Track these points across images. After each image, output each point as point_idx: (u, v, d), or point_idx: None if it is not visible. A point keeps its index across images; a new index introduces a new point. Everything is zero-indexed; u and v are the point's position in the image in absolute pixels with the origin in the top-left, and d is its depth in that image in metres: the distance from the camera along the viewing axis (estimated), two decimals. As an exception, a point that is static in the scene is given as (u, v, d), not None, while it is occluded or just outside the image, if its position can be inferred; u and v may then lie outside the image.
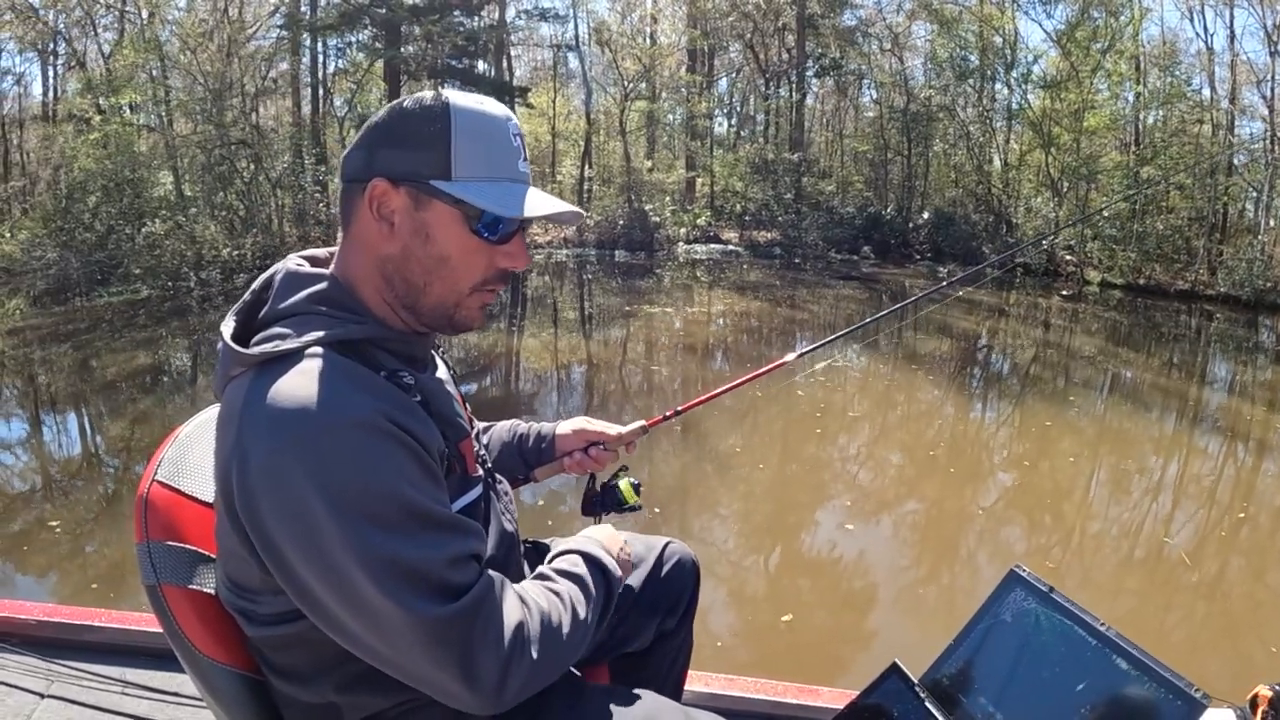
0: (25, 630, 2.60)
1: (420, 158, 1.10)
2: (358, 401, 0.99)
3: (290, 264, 1.19)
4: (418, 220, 1.11)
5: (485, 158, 1.11)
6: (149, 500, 1.21)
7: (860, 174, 27.38)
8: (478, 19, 24.39)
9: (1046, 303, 15.87)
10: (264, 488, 0.97)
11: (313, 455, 0.95)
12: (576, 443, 1.71)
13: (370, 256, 1.14)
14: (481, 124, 1.12)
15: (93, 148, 18.61)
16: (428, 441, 1.05)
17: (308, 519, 0.95)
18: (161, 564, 1.17)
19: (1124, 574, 4.95)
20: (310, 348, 1.05)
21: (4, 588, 4.94)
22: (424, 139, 1.10)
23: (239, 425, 1.00)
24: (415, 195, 1.10)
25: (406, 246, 1.12)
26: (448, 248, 1.12)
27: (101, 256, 16.80)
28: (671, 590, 1.69)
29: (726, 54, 30.70)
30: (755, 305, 15.20)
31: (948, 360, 10.74)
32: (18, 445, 7.99)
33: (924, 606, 4.59)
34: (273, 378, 1.01)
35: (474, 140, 1.10)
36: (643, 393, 9.24)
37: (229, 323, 1.14)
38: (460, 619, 0.99)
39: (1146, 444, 7.59)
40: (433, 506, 1.01)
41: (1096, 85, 20.31)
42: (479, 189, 1.10)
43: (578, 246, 23.61)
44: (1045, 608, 1.33)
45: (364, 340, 1.11)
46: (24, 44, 23.35)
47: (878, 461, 7.09)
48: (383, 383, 1.06)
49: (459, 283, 1.14)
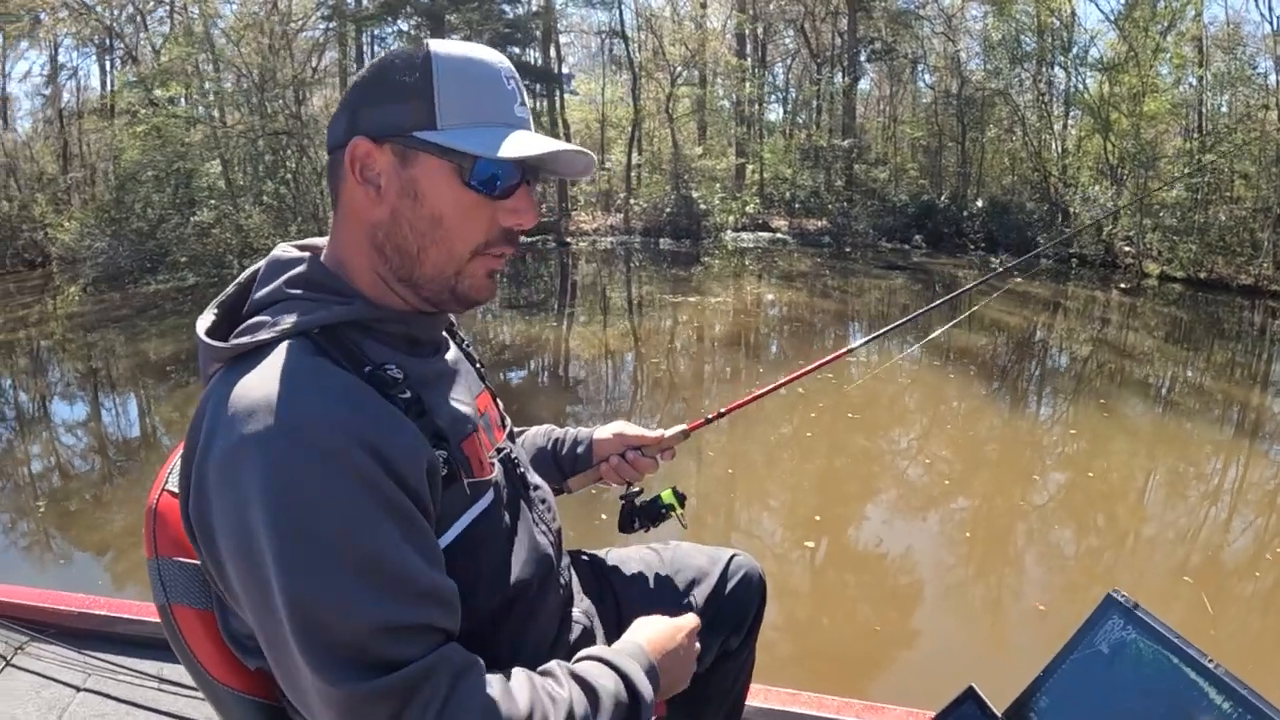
0: (64, 621, 2.59)
1: (403, 109, 0.99)
2: (326, 415, 0.87)
3: (277, 250, 1.09)
4: (405, 178, 1.00)
5: (475, 103, 1.00)
6: (158, 512, 1.09)
7: (915, 161, 26.92)
8: (522, 6, 24.31)
9: (1104, 296, 15.45)
10: (216, 496, 0.87)
11: (268, 462, 0.84)
12: (614, 448, 1.57)
13: (359, 227, 1.03)
14: (468, 68, 1.01)
15: (139, 139, 18.94)
16: (407, 462, 0.90)
17: (250, 526, 0.84)
18: (172, 582, 1.06)
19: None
20: (281, 340, 0.95)
21: (53, 569, 5.01)
22: (406, 89, 0.99)
23: (204, 422, 0.91)
24: (401, 151, 0.99)
25: (395, 209, 1.01)
26: (440, 205, 1.00)
27: (152, 245, 17.16)
28: (737, 608, 1.56)
29: (780, 40, 30.38)
30: (804, 297, 15.01)
31: (1000, 357, 10.50)
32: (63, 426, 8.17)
33: (975, 608, 4.46)
34: (241, 373, 0.92)
35: (461, 85, 0.99)
36: (687, 384, 9.14)
37: (207, 316, 1.06)
38: (386, 697, 0.83)
39: (1207, 446, 7.33)
40: (387, 558, 0.86)
41: (1157, 69, 19.73)
42: (468, 135, 0.98)
43: (623, 234, 23.55)
44: (1146, 638, 1.20)
45: (347, 324, 1.00)
46: (80, 40, 23.90)
47: (934, 459, 6.93)
48: (356, 386, 0.93)
49: (457, 246, 1.02)
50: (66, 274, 18.85)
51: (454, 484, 1.01)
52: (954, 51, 25.60)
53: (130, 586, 4.66)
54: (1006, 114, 23.49)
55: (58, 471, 6.98)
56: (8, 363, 11.25)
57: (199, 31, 19.83)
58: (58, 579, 4.80)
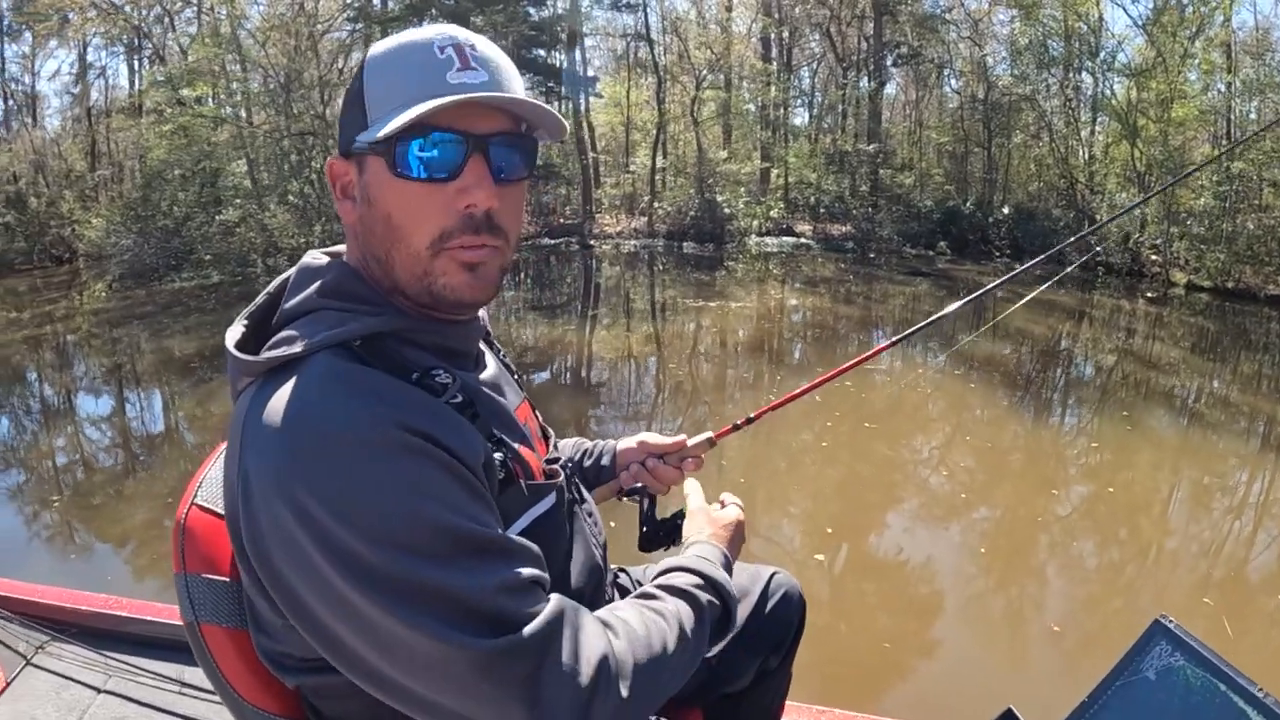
0: (85, 621, 2.58)
1: (349, 119, 0.98)
2: (368, 411, 0.84)
3: (307, 257, 1.06)
4: (362, 186, 0.98)
5: (397, 87, 0.94)
6: (187, 527, 1.06)
7: (940, 167, 26.76)
8: (547, 9, 24.33)
9: (1130, 306, 15.28)
10: (266, 513, 0.83)
11: (318, 475, 0.81)
12: (636, 456, 1.50)
13: (353, 240, 1.03)
14: (394, 55, 0.96)
15: (166, 138, 19.15)
16: (465, 450, 0.89)
17: (315, 538, 0.80)
18: (200, 600, 1.03)
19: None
20: (317, 351, 0.91)
21: (74, 560, 5.04)
22: (350, 99, 0.98)
23: (240, 442, 0.89)
24: (357, 160, 0.98)
25: (362, 217, 0.99)
26: (386, 203, 0.96)
27: (177, 243, 17.34)
28: (776, 627, 1.52)
29: (806, 44, 30.30)
30: (827, 303, 14.96)
31: (1023, 366, 10.40)
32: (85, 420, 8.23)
33: (992, 622, 4.40)
34: (275, 387, 0.88)
35: (384, 74, 0.95)
36: (709, 389, 9.10)
37: (236, 328, 1.02)
38: (523, 652, 0.81)
39: (1231, 460, 7.22)
40: (471, 526, 0.84)
41: (1185, 74, 19.49)
42: (384, 122, 0.92)
43: (647, 237, 23.56)
44: (1194, 665, 1.16)
45: (385, 334, 0.97)
46: (108, 39, 24.19)
47: (952, 470, 6.86)
48: (401, 386, 0.90)
49: (413, 241, 0.95)
50: (93, 270, 19.07)
51: (512, 485, 0.98)
52: (980, 56, 25.43)
53: (150, 580, 4.70)
54: (1033, 119, 23.28)
55: (81, 465, 7.07)
56: (34, 357, 11.37)
57: (225, 32, 19.99)
58: (79, 572, 4.82)
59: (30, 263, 21.26)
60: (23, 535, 5.49)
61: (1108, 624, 4.33)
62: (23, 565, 4.85)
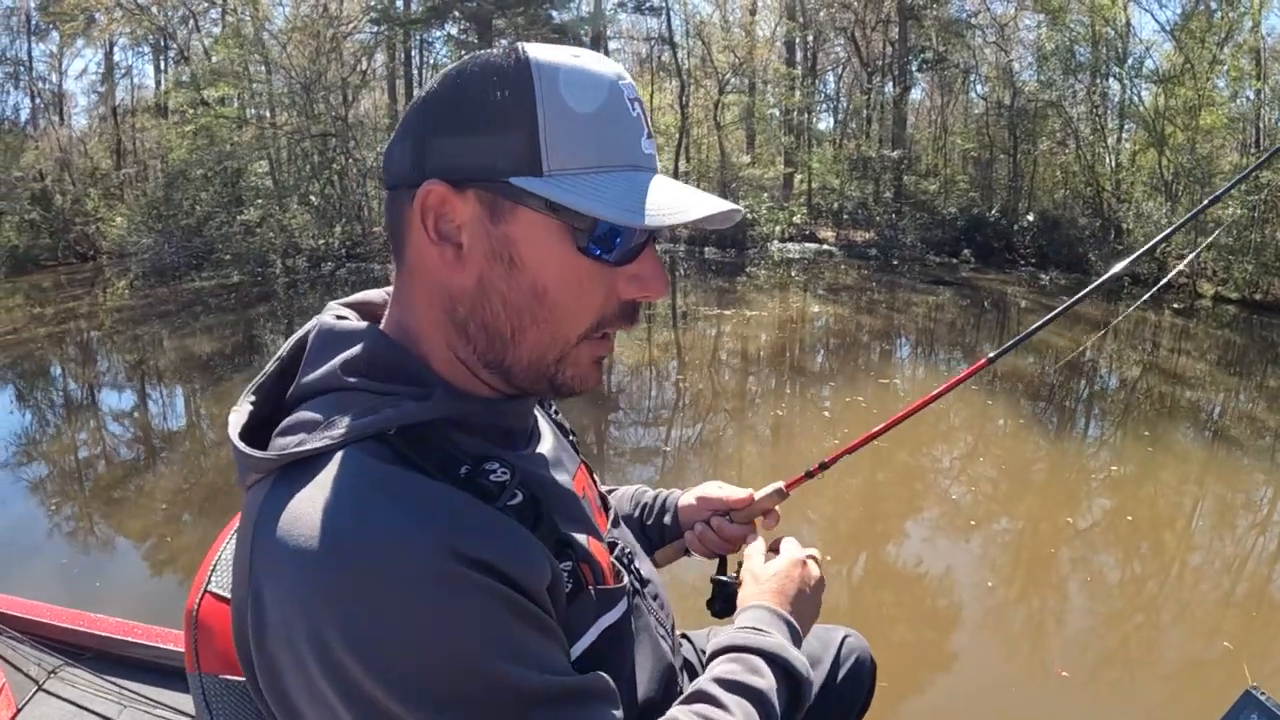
0: (99, 646, 2.56)
1: (494, 145, 0.75)
2: (414, 537, 0.67)
3: (327, 317, 0.87)
4: (497, 237, 0.77)
5: (594, 139, 0.76)
6: (200, 620, 0.92)
7: (965, 173, 26.56)
8: (568, 11, 24.32)
9: (1156, 318, 15.09)
10: (288, 655, 0.69)
11: (353, 620, 0.66)
12: (699, 513, 1.32)
13: (432, 295, 0.82)
14: (583, 88, 0.76)
15: (187, 138, 19.33)
16: (529, 575, 0.73)
17: (352, 708, 0.66)
18: (218, 704, 0.89)
19: None
20: (341, 447, 0.73)
21: (94, 549, 5.08)
22: (497, 117, 0.75)
23: (251, 554, 0.73)
24: (491, 201, 0.77)
25: (483, 277, 0.79)
26: (544, 275, 0.78)
27: (198, 242, 17.48)
28: (847, 695, 1.41)
29: (831, 48, 30.15)
30: (848, 312, 14.84)
31: (1045, 380, 10.28)
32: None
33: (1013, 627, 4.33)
34: (292, 491, 0.71)
35: (573, 114, 0.76)
36: (730, 395, 9.03)
37: (242, 408, 0.84)
38: None
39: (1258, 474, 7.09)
40: (540, 680, 0.70)
41: (1214, 81, 19.24)
42: (588, 184, 0.75)
43: (669, 242, 23.47)
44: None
45: (431, 423, 0.79)
46: (134, 39, 24.42)
47: (966, 488, 6.77)
48: (449, 495, 0.72)
49: (564, 327, 0.80)
50: (116, 267, 19.22)
51: (581, 594, 0.83)
52: (1006, 62, 25.22)
53: (168, 574, 4.72)
54: (1059, 126, 23.07)
55: (103, 460, 7.13)
56: (58, 352, 11.49)
57: (247, 33, 20.12)
58: (96, 565, 4.91)
59: (55, 259, 21.53)
60: (43, 527, 5.56)
61: (1127, 641, 4.28)
62: (36, 559, 4.96)
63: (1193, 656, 4.11)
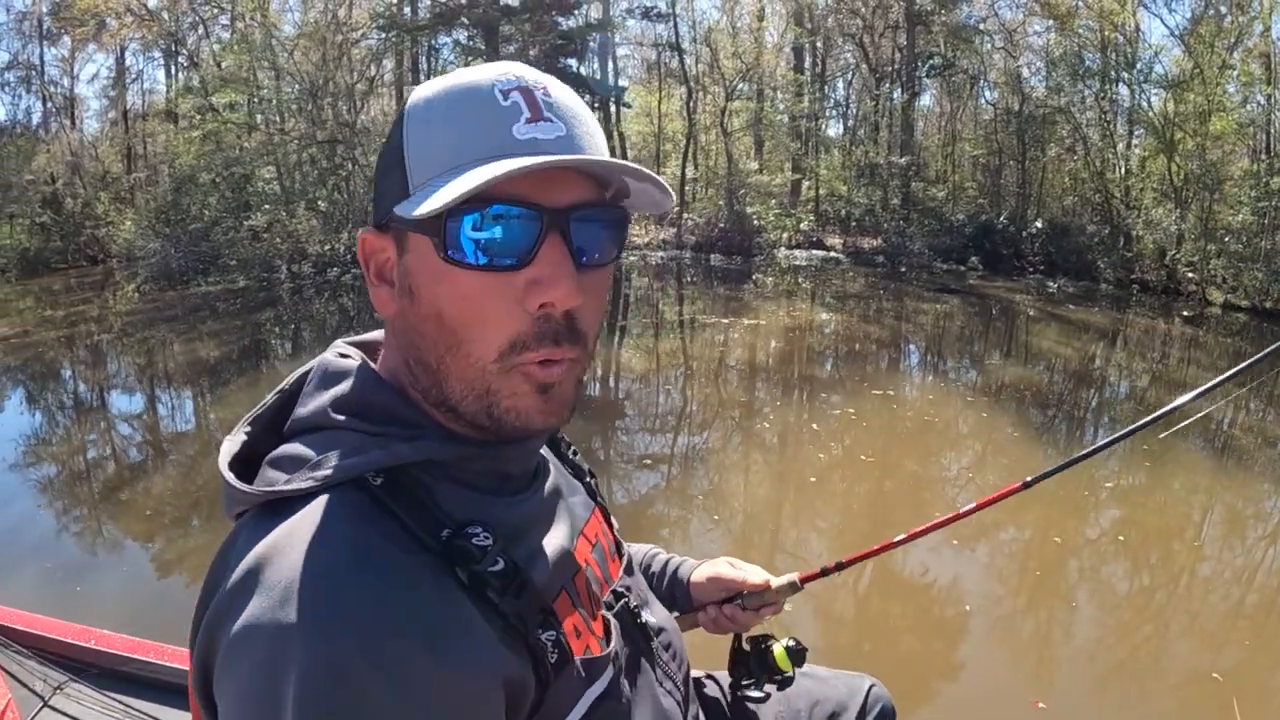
0: (105, 663, 2.54)
1: (386, 187, 0.76)
2: (369, 623, 0.64)
3: (329, 354, 0.85)
4: (402, 271, 0.76)
5: (448, 143, 0.72)
6: None
7: (974, 180, 26.50)
8: (575, 18, 24.33)
9: (1165, 326, 15.00)
10: (228, 670, 0.66)
11: (279, 674, 0.62)
12: (711, 594, 1.33)
13: (391, 339, 0.82)
14: (443, 102, 0.74)
15: (194, 144, 19.43)
16: (505, 668, 0.70)
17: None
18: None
19: None
20: (321, 491, 0.71)
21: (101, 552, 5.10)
22: (388, 156, 0.76)
23: (222, 585, 0.69)
24: (397, 236, 0.76)
25: (403, 312, 0.77)
26: (434, 297, 0.74)
27: (205, 247, 17.55)
28: None
29: (839, 54, 30.14)
30: (855, 321, 14.81)
31: (1047, 393, 10.24)
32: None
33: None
34: (269, 528, 0.69)
35: (429, 126, 0.74)
36: (735, 404, 9.01)
37: (236, 437, 0.83)
38: None
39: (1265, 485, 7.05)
40: None
41: (1224, 86, 19.15)
42: (430, 189, 0.71)
43: (675, 248, 23.49)
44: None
45: (419, 464, 0.76)
46: (145, 44, 24.58)
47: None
48: (415, 571, 0.69)
49: (472, 350, 0.74)
50: (125, 271, 19.33)
51: (566, 667, 0.78)
52: (1015, 68, 25.18)
53: (176, 574, 4.73)
54: (1068, 132, 23.01)
55: (113, 461, 7.15)
56: (68, 354, 11.55)
57: (256, 40, 20.21)
58: (102, 566, 4.93)
59: (66, 262, 21.67)
60: (51, 527, 5.58)
61: (1136, 650, 4.25)
62: (36, 559, 4.96)
63: (1185, 698, 4.00)
